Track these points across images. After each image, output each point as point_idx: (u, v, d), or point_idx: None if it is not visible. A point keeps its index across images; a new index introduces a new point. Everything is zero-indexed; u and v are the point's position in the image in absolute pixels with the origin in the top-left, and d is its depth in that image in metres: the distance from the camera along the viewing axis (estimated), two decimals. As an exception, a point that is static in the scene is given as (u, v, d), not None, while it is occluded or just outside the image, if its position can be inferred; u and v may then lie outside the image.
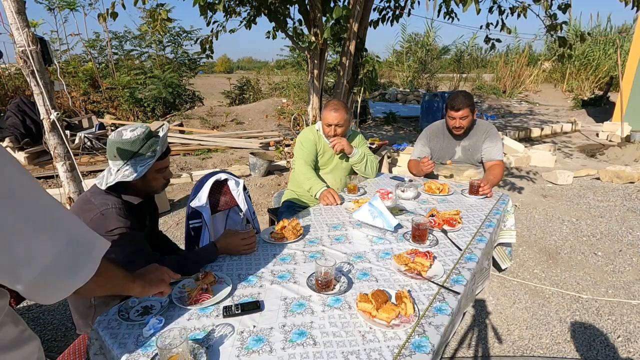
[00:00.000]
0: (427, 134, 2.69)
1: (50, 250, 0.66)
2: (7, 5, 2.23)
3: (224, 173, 2.06)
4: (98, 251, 0.75)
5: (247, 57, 63.69)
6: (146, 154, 1.34)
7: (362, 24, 4.11)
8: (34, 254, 0.63)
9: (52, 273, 0.66)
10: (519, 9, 3.90)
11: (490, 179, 2.34)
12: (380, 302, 1.08)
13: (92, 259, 0.74)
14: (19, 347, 0.75)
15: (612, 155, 6.13)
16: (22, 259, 0.62)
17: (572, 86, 14.77)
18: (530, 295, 2.52)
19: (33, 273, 0.63)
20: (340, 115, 2.26)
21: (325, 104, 2.36)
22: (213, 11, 3.50)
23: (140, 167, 1.32)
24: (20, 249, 0.62)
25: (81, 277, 0.71)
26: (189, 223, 2.01)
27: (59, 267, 0.67)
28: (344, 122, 2.29)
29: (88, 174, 5.06)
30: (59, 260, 0.67)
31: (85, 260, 0.72)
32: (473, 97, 2.49)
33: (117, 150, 1.32)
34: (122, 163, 1.33)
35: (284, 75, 13.68)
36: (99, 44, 9.95)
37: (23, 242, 0.62)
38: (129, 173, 1.31)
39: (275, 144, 6.44)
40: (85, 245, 0.73)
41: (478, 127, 2.56)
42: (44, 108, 2.45)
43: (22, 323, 0.79)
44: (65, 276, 0.69)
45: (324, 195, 2.12)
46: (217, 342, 1.01)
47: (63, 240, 0.68)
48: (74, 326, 1.53)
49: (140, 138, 1.33)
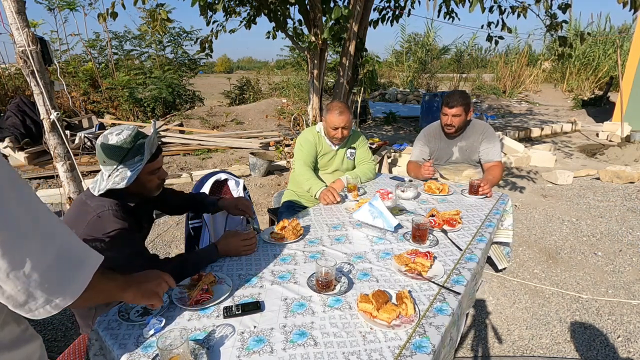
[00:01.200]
0: (425, 135, 2.68)
1: (40, 263, 0.63)
2: (7, 5, 2.23)
3: (224, 173, 2.06)
4: (89, 265, 0.73)
5: (247, 57, 63.72)
6: (134, 158, 1.30)
7: (362, 24, 4.12)
8: (22, 265, 0.61)
9: (39, 287, 0.63)
10: (519, 9, 3.90)
11: (490, 178, 2.35)
12: (380, 303, 1.08)
13: (83, 273, 0.71)
14: (21, 346, 0.75)
15: (612, 155, 6.13)
16: (7, 269, 0.59)
17: (572, 86, 14.78)
18: (530, 295, 2.52)
19: (19, 285, 0.61)
20: (347, 117, 2.26)
21: (328, 106, 2.34)
22: (213, 11, 3.51)
23: (129, 172, 1.28)
24: (7, 259, 0.59)
25: (70, 293, 0.69)
26: (189, 223, 2.01)
27: (49, 280, 0.64)
28: (349, 124, 2.30)
29: (88, 174, 5.06)
30: (47, 274, 0.64)
31: (76, 274, 0.70)
32: (470, 97, 2.49)
33: (105, 155, 1.30)
34: (112, 168, 1.30)
35: (284, 75, 13.68)
36: (99, 44, 9.96)
37: (11, 251, 0.59)
38: (119, 179, 1.28)
39: (275, 144, 6.44)
40: (77, 259, 0.70)
41: (474, 127, 2.55)
42: (44, 108, 2.45)
43: (24, 322, 0.78)
44: (55, 290, 0.66)
45: (323, 195, 2.12)
46: (217, 342, 1.01)
47: (54, 253, 0.66)
48: (74, 326, 1.53)
49: (126, 141, 1.29)
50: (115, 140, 1.29)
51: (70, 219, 1.34)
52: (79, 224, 1.27)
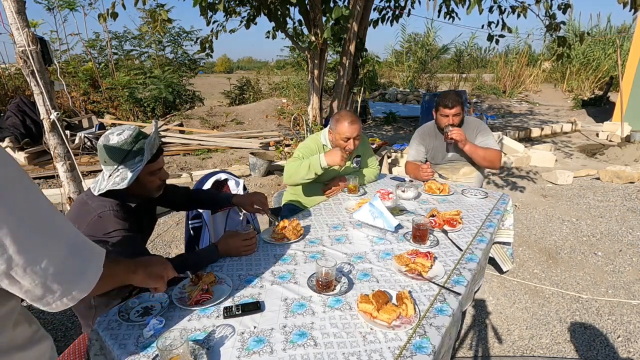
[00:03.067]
0: (420, 134, 2.68)
1: (55, 257, 0.65)
2: (7, 5, 2.23)
3: (224, 173, 2.06)
4: (99, 256, 0.75)
5: (247, 57, 63.66)
6: (135, 158, 1.30)
7: (362, 24, 4.12)
8: (38, 260, 0.63)
9: (55, 280, 0.65)
10: (519, 9, 3.90)
11: (476, 148, 2.43)
12: (381, 303, 1.08)
13: (95, 264, 0.73)
14: (33, 346, 0.76)
15: (612, 155, 6.13)
16: (24, 264, 0.61)
17: (572, 86, 14.77)
18: (530, 295, 2.52)
19: (37, 280, 0.63)
20: (358, 127, 2.16)
21: (336, 117, 2.21)
22: (213, 11, 3.51)
23: (130, 173, 1.29)
24: (23, 255, 0.61)
25: (85, 283, 0.71)
26: (189, 223, 2.01)
27: (65, 273, 0.67)
28: (360, 134, 2.20)
29: (88, 174, 5.06)
30: (62, 267, 0.66)
31: (89, 266, 0.72)
32: (462, 96, 2.50)
33: (106, 155, 1.30)
34: (113, 168, 1.30)
35: (284, 75, 13.67)
36: (98, 44, 9.96)
37: (27, 247, 0.61)
38: (120, 180, 1.28)
39: (275, 144, 6.44)
40: (87, 251, 0.73)
41: (468, 124, 2.56)
42: (44, 108, 2.45)
43: (35, 322, 0.80)
44: (71, 282, 0.68)
45: (329, 154, 2.04)
46: (217, 343, 1.01)
47: (66, 246, 0.68)
48: (74, 326, 1.53)
49: (127, 142, 1.29)
50: (116, 141, 1.29)
51: (71, 219, 1.34)
52: (80, 224, 1.27)
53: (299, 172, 2.13)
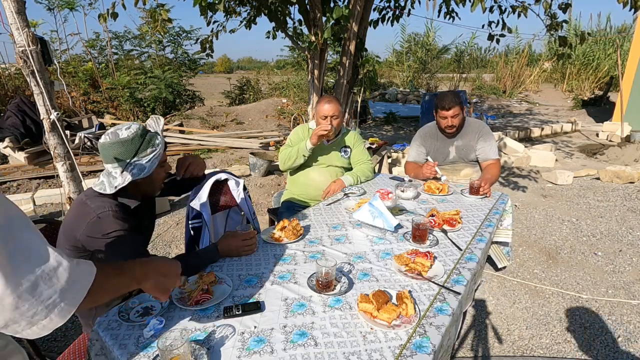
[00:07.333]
0: (421, 135, 2.68)
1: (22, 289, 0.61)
2: (7, 5, 2.23)
3: (224, 173, 2.06)
4: (81, 286, 0.71)
5: (247, 57, 63.61)
6: (148, 149, 1.33)
7: (362, 24, 4.12)
8: None
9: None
10: (519, 9, 3.90)
11: (488, 177, 2.35)
12: (381, 303, 1.08)
13: (72, 296, 0.69)
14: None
15: (612, 155, 6.13)
16: None
17: (572, 86, 14.77)
18: (530, 295, 2.53)
19: None
20: (335, 106, 2.32)
21: (319, 100, 2.41)
22: (213, 11, 3.50)
23: (146, 162, 1.31)
24: None
25: (59, 317, 0.67)
26: (189, 223, 2.01)
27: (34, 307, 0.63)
28: (339, 114, 2.34)
29: (88, 174, 5.06)
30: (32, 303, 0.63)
31: (60, 300, 0.68)
32: (461, 96, 2.50)
33: (117, 151, 1.29)
34: (125, 164, 1.30)
35: (284, 75, 13.67)
36: (98, 44, 9.97)
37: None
38: (137, 171, 1.28)
39: (275, 144, 6.45)
40: (68, 279, 0.69)
41: (470, 126, 2.55)
42: (44, 108, 2.45)
43: (4, 337, 0.76)
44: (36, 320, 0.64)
45: (315, 133, 2.24)
46: (218, 343, 1.01)
47: (34, 274, 0.64)
48: (74, 326, 1.53)
49: (138, 135, 1.32)
50: (126, 135, 1.30)
51: (71, 220, 1.34)
52: (80, 224, 1.27)
53: (290, 156, 2.37)
